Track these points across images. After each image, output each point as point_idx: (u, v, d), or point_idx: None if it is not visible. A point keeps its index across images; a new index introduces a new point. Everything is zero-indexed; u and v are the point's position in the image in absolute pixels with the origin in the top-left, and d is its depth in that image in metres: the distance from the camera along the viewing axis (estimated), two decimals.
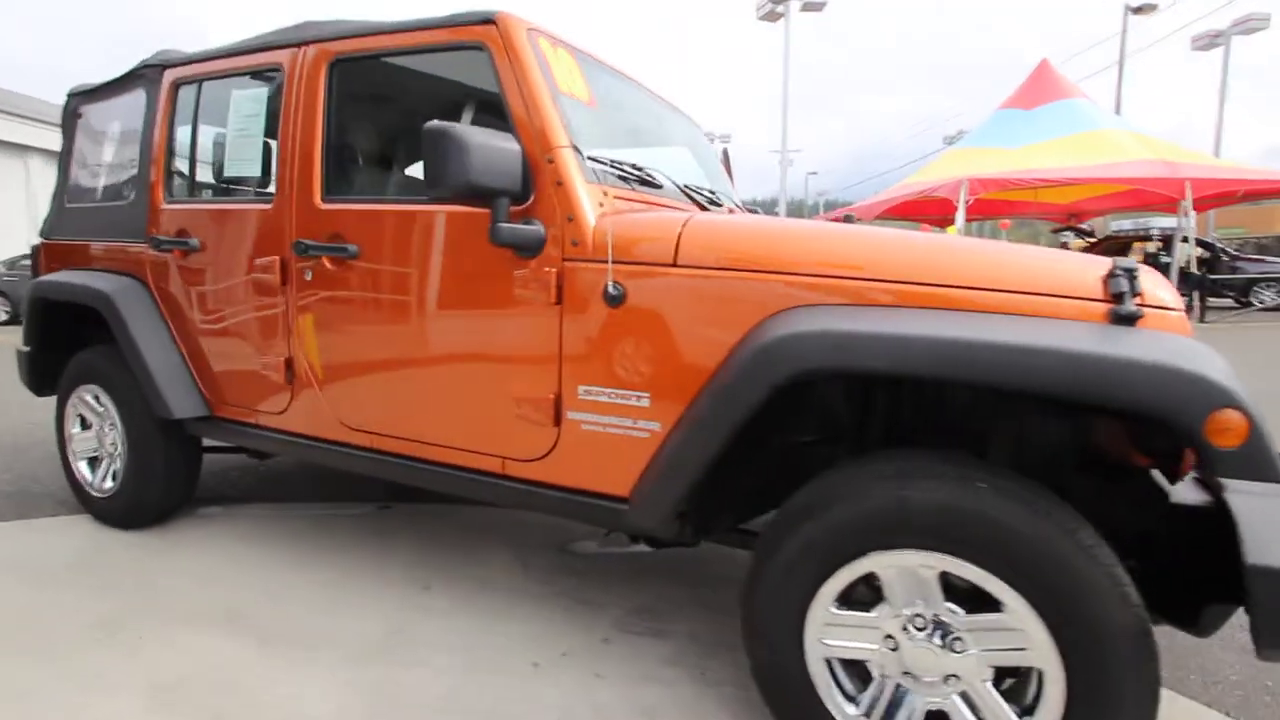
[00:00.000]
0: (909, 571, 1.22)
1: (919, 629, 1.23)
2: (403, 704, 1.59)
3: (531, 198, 1.61)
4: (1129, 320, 1.19)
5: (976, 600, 1.18)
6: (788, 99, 15.28)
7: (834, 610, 1.29)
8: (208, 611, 1.98)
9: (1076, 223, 13.74)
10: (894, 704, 1.27)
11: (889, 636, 1.26)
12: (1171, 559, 1.26)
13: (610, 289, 1.54)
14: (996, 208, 12.78)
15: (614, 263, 1.53)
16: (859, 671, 1.33)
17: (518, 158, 1.55)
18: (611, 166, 1.73)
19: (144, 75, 2.40)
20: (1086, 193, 11.94)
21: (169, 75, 2.33)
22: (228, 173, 2.22)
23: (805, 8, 13.56)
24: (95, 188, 2.65)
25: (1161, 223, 13.04)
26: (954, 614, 1.21)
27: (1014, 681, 1.22)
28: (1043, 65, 11.33)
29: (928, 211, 12.26)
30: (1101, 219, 15.37)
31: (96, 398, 2.52)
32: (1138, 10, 16.41)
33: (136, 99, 2.45)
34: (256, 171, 2.15)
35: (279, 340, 2.07)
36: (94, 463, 2.60)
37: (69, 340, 2.64)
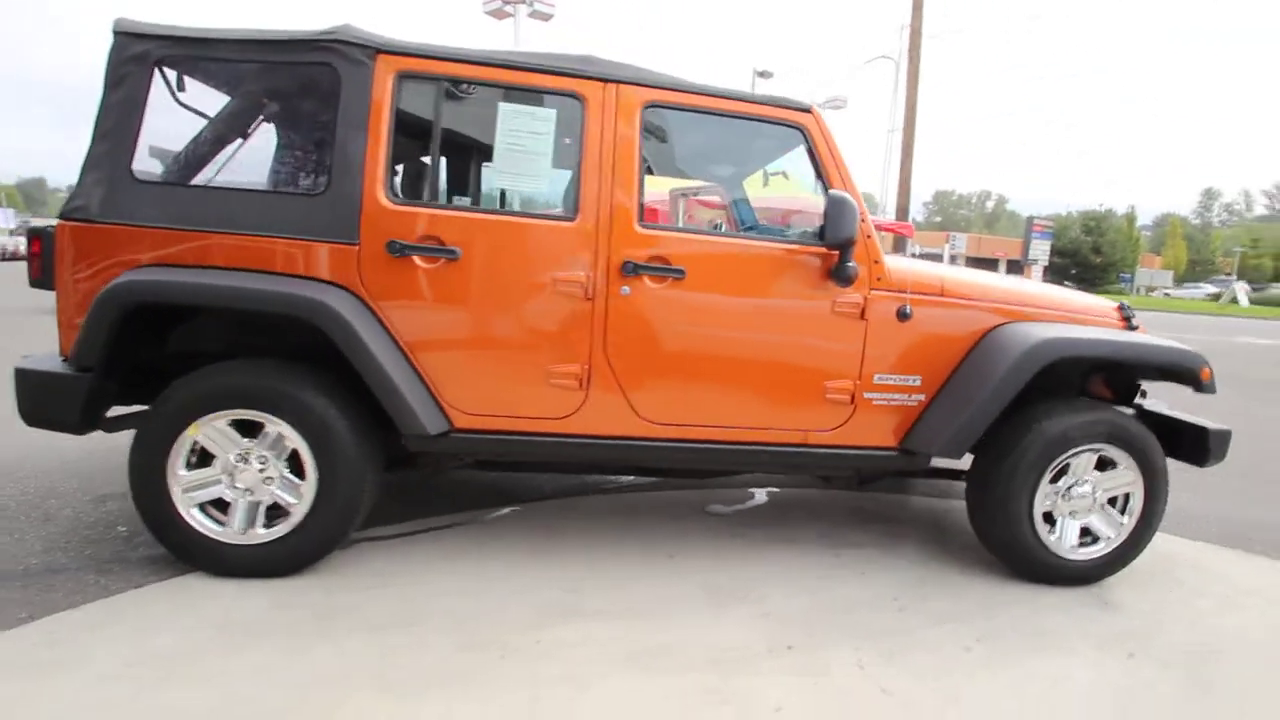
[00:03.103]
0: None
1: None
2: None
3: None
4: (1134, 328, 2.58)
5: None
6: None
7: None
8: (562, 611, 2.10)
9: None
10: None
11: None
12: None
13: (905, 310, 2.35)
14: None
15: (911, 294, 2.35)
16: None
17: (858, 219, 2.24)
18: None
19: (335, 50, 2.09)
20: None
21: (387, 61, 2.11)
22: (497, 184, 2.18)
23: (533, 15, 14.29)
24: (208, 164, 2.10)
25: None
26: None
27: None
28: None
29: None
30: None
31: (236, 425, 2.09)
32: (762, 74, 21.56)
33: (318, 74, 2.10)
34: (539, 188, 2.21)
35: (578, 348, 2.22)
36: (217, 506, 2.12)
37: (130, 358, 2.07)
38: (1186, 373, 2.42)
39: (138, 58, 2.07)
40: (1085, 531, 2.45)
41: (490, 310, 2.18)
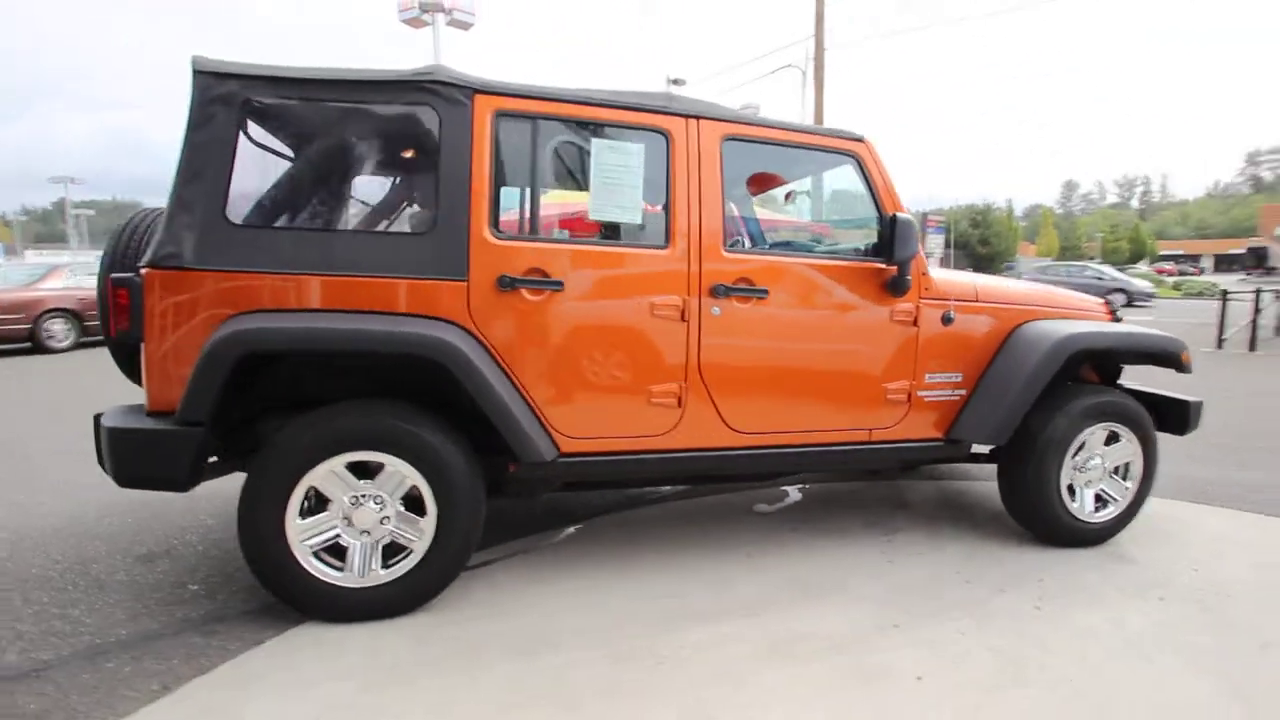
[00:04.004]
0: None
1: None
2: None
3: None
4: (1119, 320, 3.02)
5: None
6: None
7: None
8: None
9: None
10: None
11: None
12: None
13: (949, 315, 2.65)
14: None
15: (953, 301, 2.66)
16: None
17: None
18: None
19: (434, 91, 2.11)
20: None
21: (485, 101, 2.16)
22: (593, 217, 2.27)
23: (452, 23, 14.01)
24: (300, 206, 2.06)
25: None
26: None
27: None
28: None
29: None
30: None
31: (355, 468, 2.07)
32: (675, 81, 22.15)
33: (416, 114, 2.12)
34: (634, 219, 2.32)
35: (675, 368, 2.35)
36: (333, 551, 2.10)
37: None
38: (1171, 357, 2.87)
39: (224, 98, 2.02)
40: (1098, 498, 2.85)
41: (593, 337, 2.28)
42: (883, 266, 2.55)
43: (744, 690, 1.87)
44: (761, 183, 3.20)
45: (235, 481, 2.16)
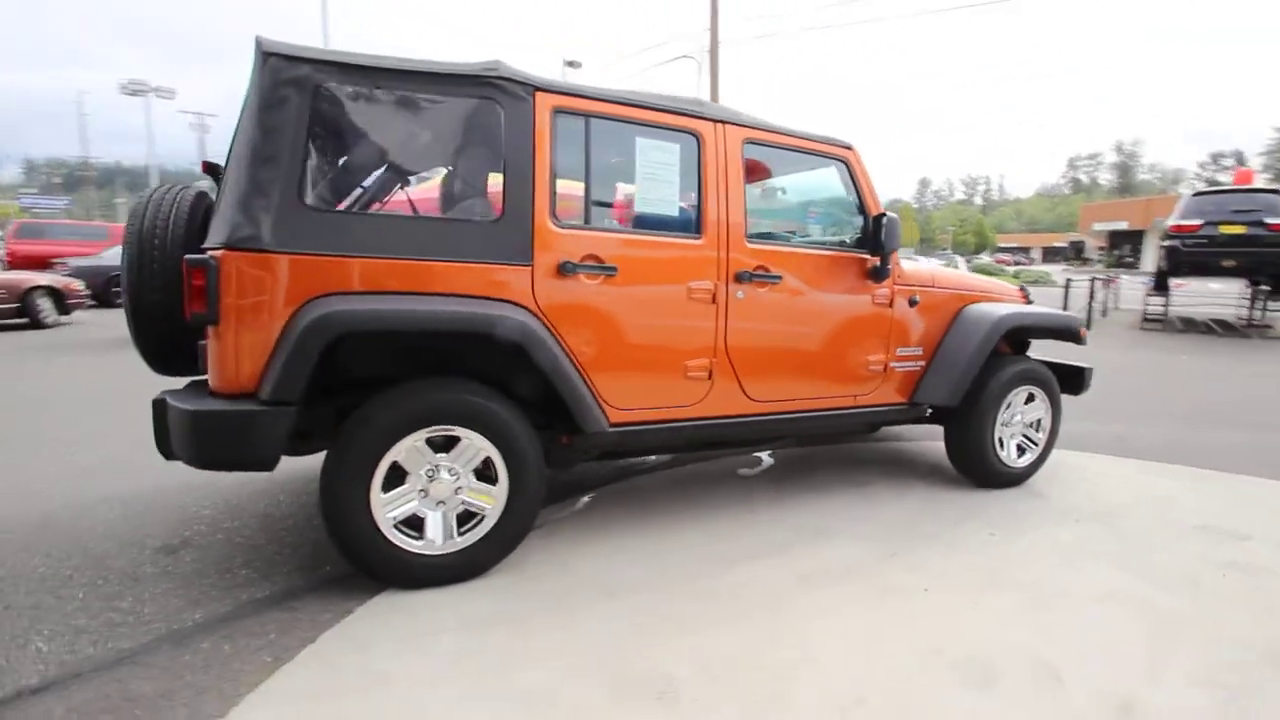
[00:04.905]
0: None
1: None
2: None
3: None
4: (1031, 302, 3.69)
5: None
6: None
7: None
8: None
9: None
10: None
11: None
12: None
13: (915, 298, 3.15)
14: None
15: (918, 286, 3.16)
16: None
17: None
18: None
19: (499, 86, 2.23)
20: None
21: (544, 98, 2.31)
22: (639, 209, 2.49)
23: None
24: (369, 190, 2.11)
25: None
26: None
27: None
28: None
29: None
30: None
31: (430, 442, 2.19)
32: (570, 64, 22.11)
33: (480, 107, 2.23)
34: (672, 211, 2.56)
35: (707, 345, 2.65)
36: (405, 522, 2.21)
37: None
38: (1074, 333, 3.56)
39: (296, 82, 2.03)
40: (1019, 448, 3.50)
41: (640, 317, 2.52)
42: (867, 257, 2.99)
43: (792, 610, 2.22)
44: (751, 172, 3.56)
45: (217, 474, 2.17)
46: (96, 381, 5.97)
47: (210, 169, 2.57)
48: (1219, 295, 10.54)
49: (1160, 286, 10.94)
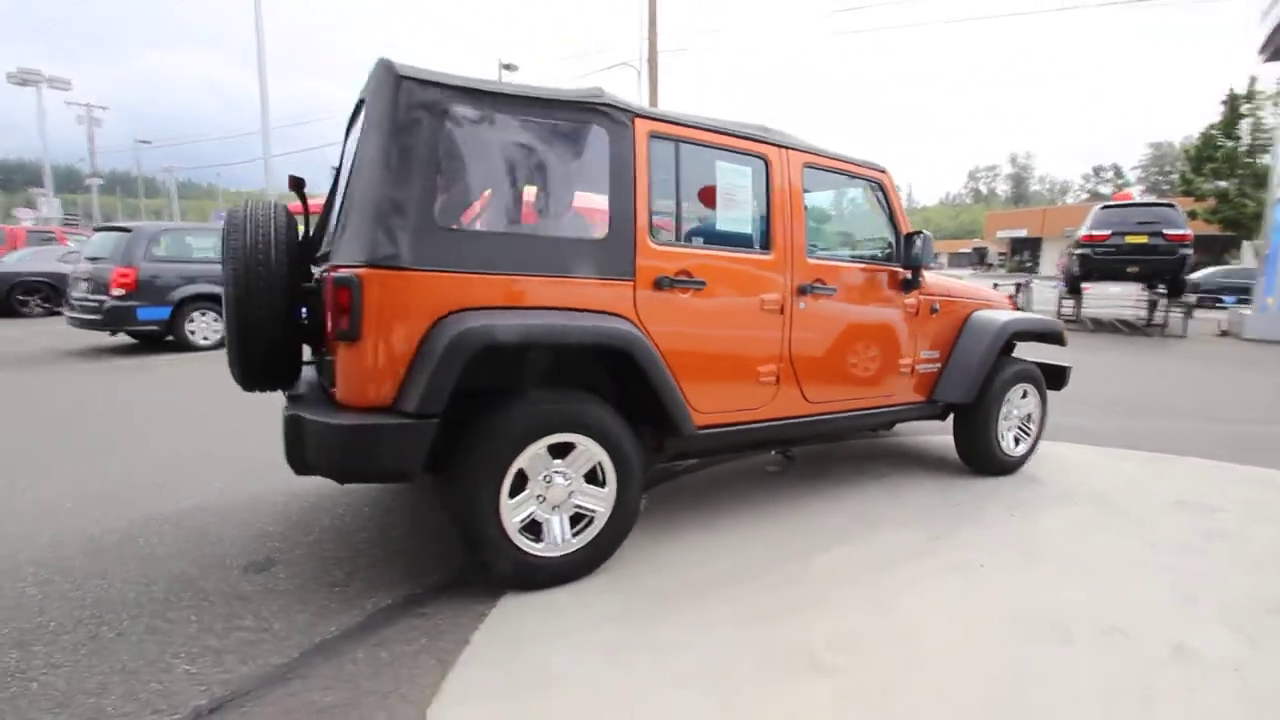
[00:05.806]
0: None
1: None
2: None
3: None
4: (1020, 309, 4.14)
5: None
6: None
7: None
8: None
9: None
10: None
11: None
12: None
13: (935, 307, 3.51)
14: None
15: (938, 296, 3.51)
16: None
17: None
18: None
19: (604, 112, 2.37)
20: None
21: (642, 124, 2.47)
22: (721, 226, 2.68)
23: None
24: (497, 212, 2.20)
25: None
26: None
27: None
28: None
29: None
30: None
31: (551, 450, 2.31)
32: (507, 67, 21.96)
33: (585, 132, 2.36)
34: (747, 229, 2.77)
35: (776, 353, 2.87)
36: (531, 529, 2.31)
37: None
38: (1058, 336, 4.03)
39: (429, 105, 2.11)
40: (1015, 439, 3.93)
41: (723, 327, 2.71)
42: (899, 270, 3.31)
43: (876, 587, 2.48)
44: None
45: (239, 495, 2.24)
46: (24, 403, 5.55)
47: (296, 184, 2.57)
48: (1118, 298, 11.80)
49: (1073, 290, 12.11)
